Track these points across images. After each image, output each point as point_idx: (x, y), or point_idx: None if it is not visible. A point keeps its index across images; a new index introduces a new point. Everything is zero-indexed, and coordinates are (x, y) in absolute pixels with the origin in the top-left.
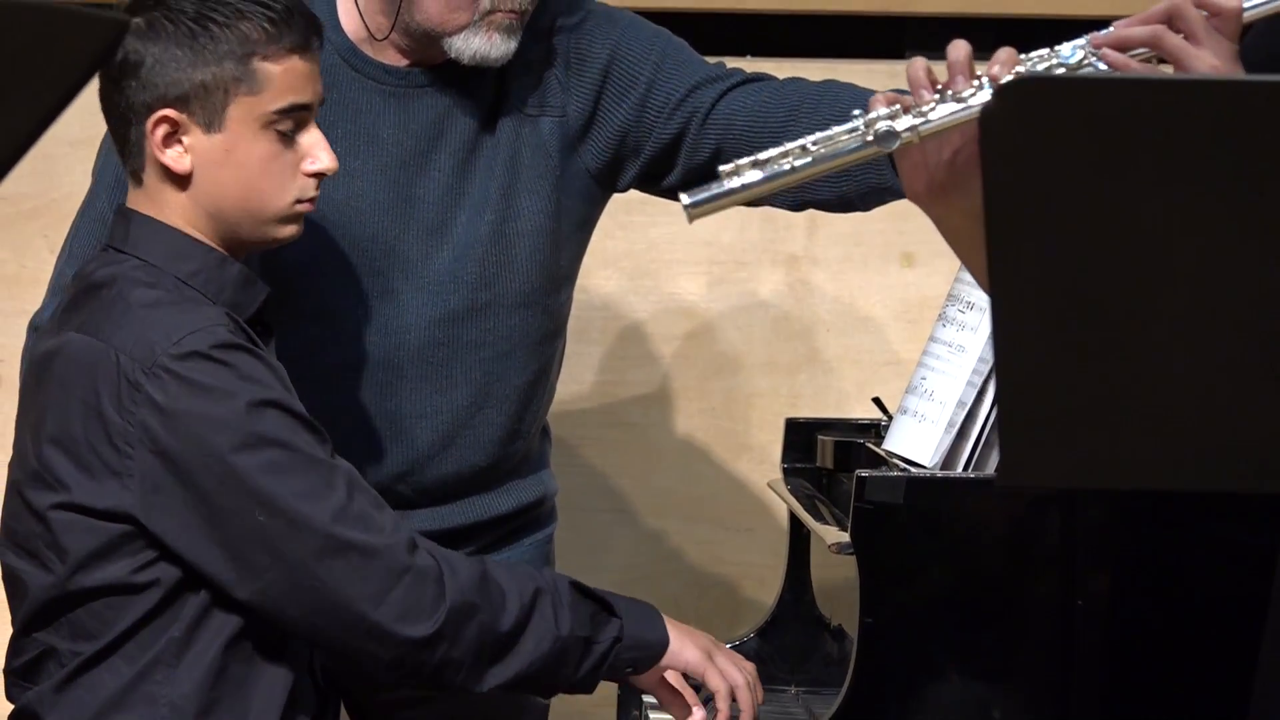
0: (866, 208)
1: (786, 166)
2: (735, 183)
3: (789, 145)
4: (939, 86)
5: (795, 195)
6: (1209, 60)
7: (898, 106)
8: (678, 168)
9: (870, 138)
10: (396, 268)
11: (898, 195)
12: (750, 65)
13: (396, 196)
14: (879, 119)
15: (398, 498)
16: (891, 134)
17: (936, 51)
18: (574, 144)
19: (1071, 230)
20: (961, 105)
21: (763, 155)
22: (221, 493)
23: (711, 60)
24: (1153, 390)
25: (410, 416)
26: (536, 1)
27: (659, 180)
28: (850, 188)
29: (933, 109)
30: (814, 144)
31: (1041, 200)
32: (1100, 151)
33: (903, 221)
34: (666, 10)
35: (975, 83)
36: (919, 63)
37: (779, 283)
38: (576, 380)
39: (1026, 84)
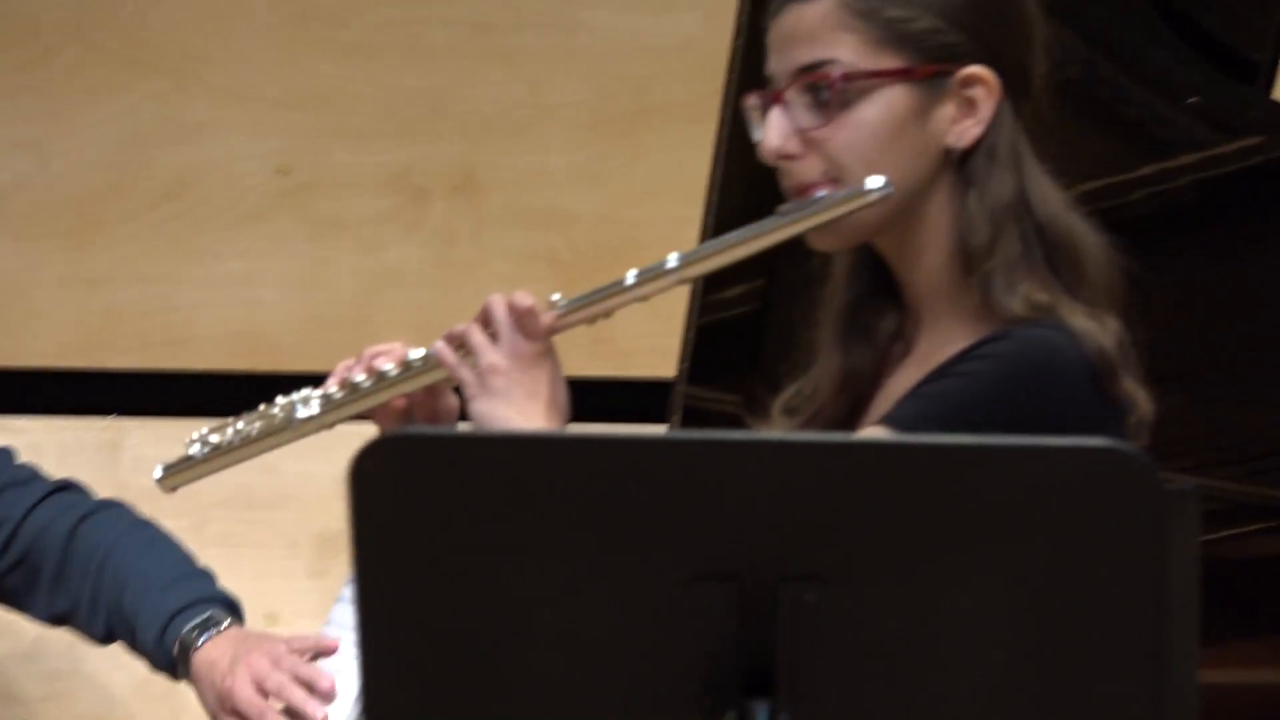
0: None
1: (231, 435)
2: (195, 449)
3: (234, 420)
4: (347, 374)
5: None
6: (491, 357)
7: (309, 391)
8: None
9: (282, 415)
10: None
11: None
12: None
13: None
14: (294, 400)
15: None
16: (294, 417)
17: None
18: None
19: (441, 586)
20: (359, 394)
21: (217, 424)
22: None
23: None
24: None
25: None
26: None
27: None
28: None
29: (338, 395)
30: (245, 422)
31: (410, 555)
32: (468, 507)
33: (264, 582)
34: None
35: (368, 375)
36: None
37: None
38: None
39: (393, 440)
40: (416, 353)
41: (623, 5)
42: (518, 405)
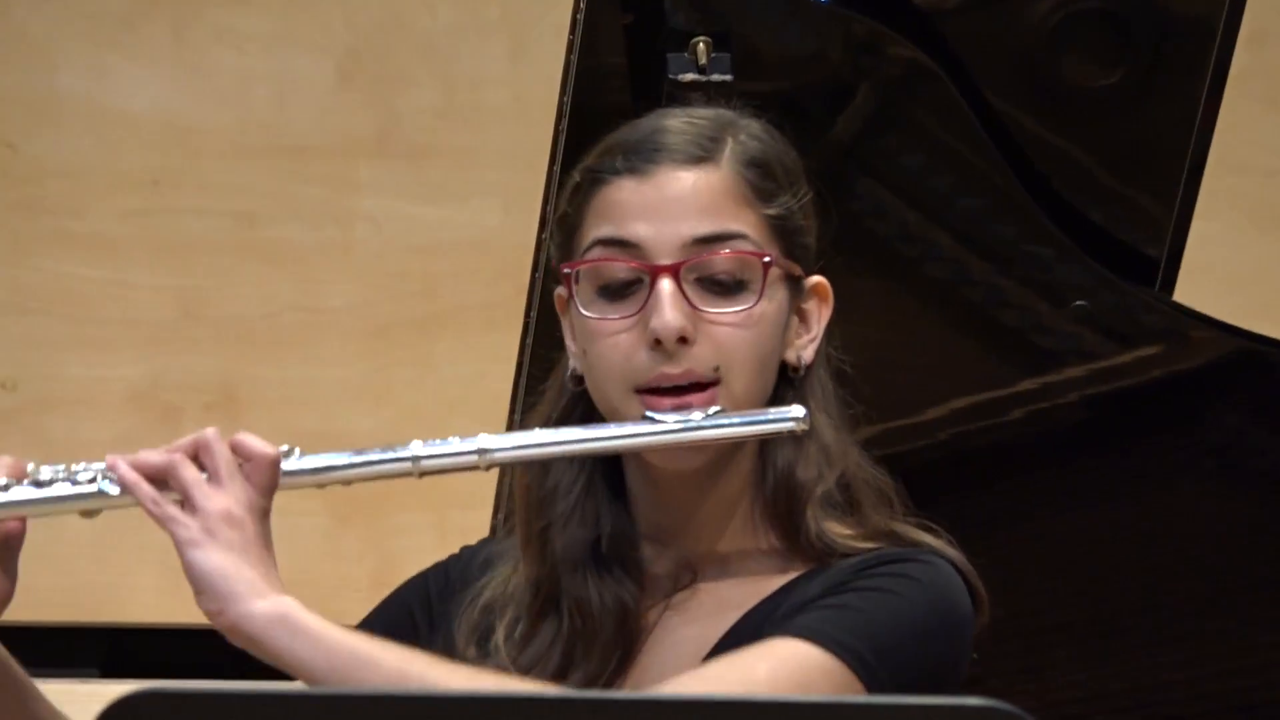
0: None
1: None
2: None
3: None
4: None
5: None
6: (219, 503)
7: None
8: None
9: None
10: None
11: None
12: None
13: None
14: None
15: None
16: None
17: None
18: None
19: None
20: None
21: None
22: None
23: None
24: None
25: None
26: None
27: None
28: None
29: None
30: None
31: None
32: None
33: None
34: None
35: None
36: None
37: None
38: None
39: (142, 697)
40: (53, 469)
41: (408, 193)
42: (257, 565)
